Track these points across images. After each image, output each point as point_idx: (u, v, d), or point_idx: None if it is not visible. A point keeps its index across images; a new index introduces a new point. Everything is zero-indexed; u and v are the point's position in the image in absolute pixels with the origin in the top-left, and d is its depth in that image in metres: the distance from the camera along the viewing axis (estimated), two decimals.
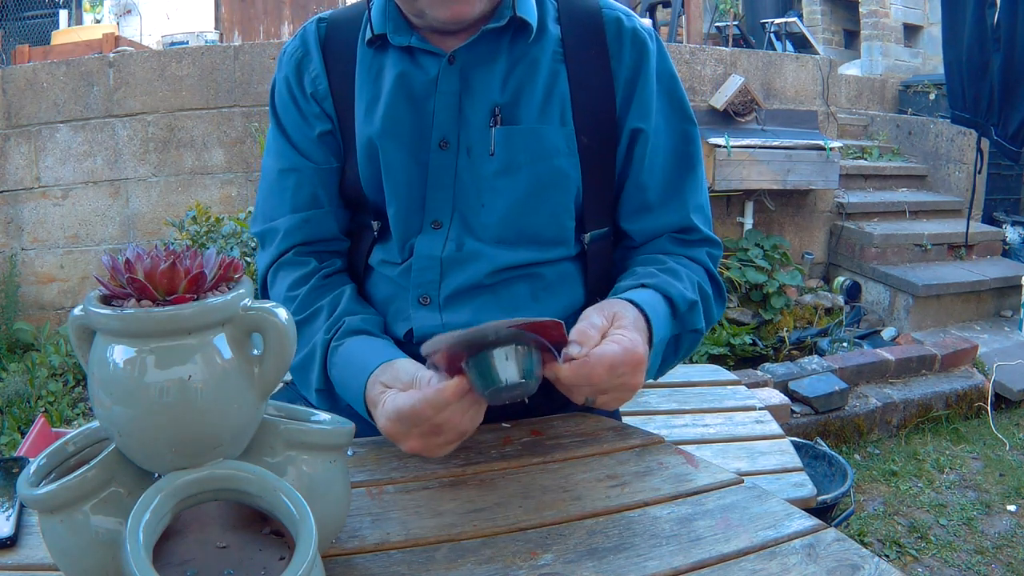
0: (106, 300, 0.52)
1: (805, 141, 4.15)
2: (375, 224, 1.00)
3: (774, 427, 1.70)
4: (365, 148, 0.97)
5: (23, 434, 2.73)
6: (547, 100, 0.94)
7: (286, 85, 1.02)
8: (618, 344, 0.77)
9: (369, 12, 0.97)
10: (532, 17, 0.94)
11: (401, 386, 0.80)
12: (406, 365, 0.83)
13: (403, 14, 0.95)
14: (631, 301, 0.87)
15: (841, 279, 4.38)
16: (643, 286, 0.92)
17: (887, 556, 2.24)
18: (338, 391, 0.91)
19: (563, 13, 0.98)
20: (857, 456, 2.88)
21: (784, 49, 6.34)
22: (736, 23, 6.84)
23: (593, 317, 0.82)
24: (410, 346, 0.96)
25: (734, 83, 4.24)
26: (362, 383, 0.84)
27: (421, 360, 0.82)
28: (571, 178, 0.96)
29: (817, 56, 5.27)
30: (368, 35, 0.97)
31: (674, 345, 0.95)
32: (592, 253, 1.00)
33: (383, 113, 0.95)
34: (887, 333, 3.94)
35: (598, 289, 1.01)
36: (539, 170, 0.94)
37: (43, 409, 2.97)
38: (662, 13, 6.73)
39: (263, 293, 1.05)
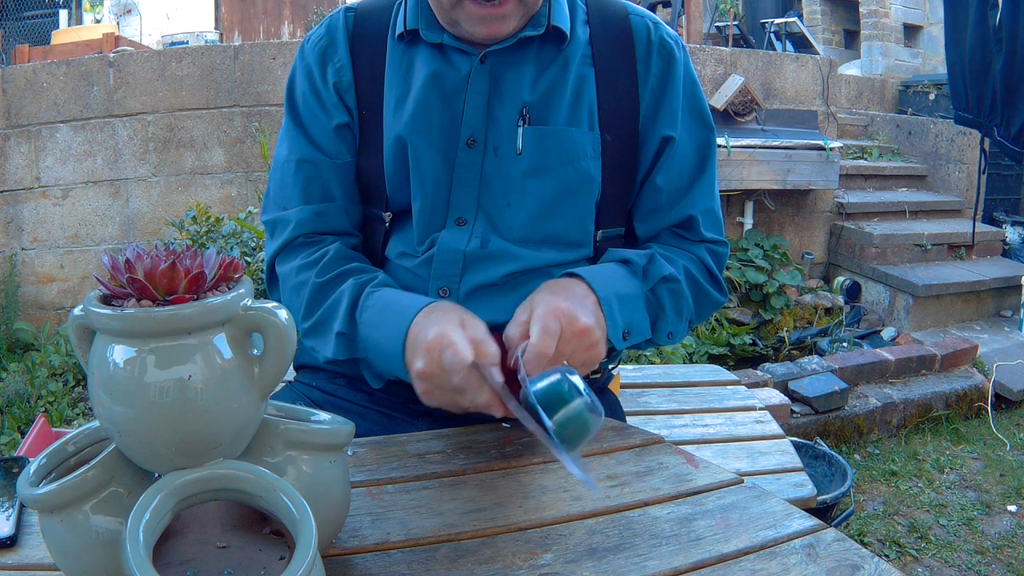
0: (106, 300, 0.52)
1: (805, 141, 4.15)
2: (387, 216, 1.00)
3: (774, 427, 1.70)
4: (393, 143, 0.97)
5: (23, 434, 2.73)
6: (576, 103, 0.96)
7: (307, 74, 1.01)
8: (532, 312, 0.80)
9: (405, 5, 0.98)
10: (566, 25, 0.95)
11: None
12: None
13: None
14: (567, 274, 0.90)
15: (841, 279, 4.38)
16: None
17: (887, 556, 2.24)
18: (366, 332, 0.89)
19: (592, 15, 0.99)
20: (857, 456, 2.88)
21: (784, 49, 6.34)
22: (736, 23, 6.84)
23: (518, 313, 0.84)
24: None
25: (734, 83, 4.24)
26: (407, 318, 0.83)
27: None
28: (595, 180, 0.97)
29: (817, 56, 5.27)
30: (400, 29, 0.97)
31: (656, 300, 0.95)
32: (603, 252, 1.01)
33: (414, 109, 0.96)
34: (887, 333, 3.94)
35: None
36: (567, 172, 0.95)
37: (43, 409, 2.97)
38: (662, 13, 6.72)
39: (268, 280, 1.04)
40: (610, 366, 1.15)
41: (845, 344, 3.74)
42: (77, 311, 0.54)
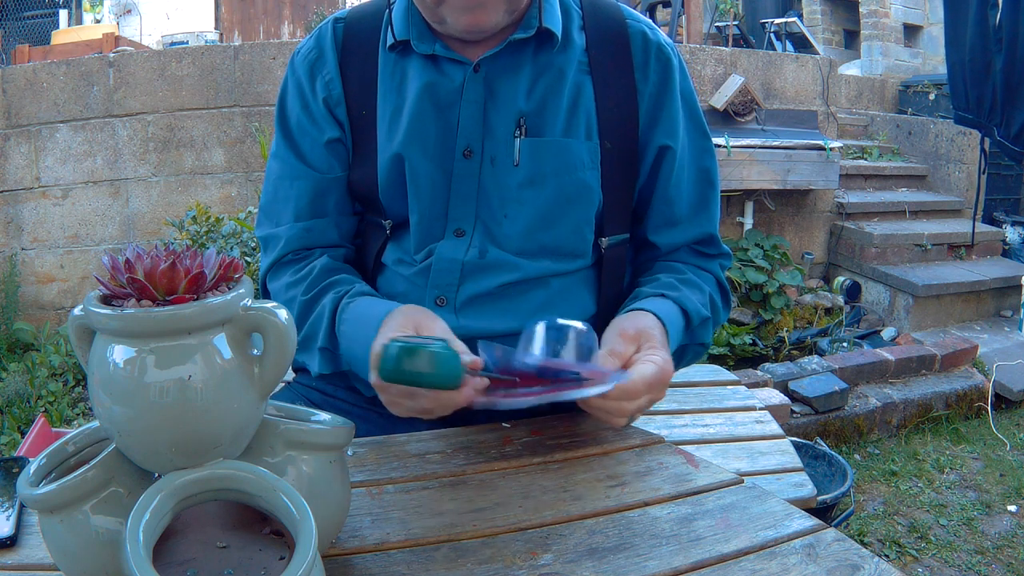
0: (106, 300, 0.52)
1: (805, 141, 4.15)
2: (387, 223, 1.00)
3: (774, 427, 1.70)
4: (389, 159, 0.96)
5: (23, 434, 2.73)
6: (573, 113, 0.95)
7: (297, 87, 1.01)
8: (654, 364, 0.81)
9: (390, 14, 0.96)
10: (557, 27, 0.94)
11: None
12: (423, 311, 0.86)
13: (426, 20, 0.94)
14: (656, 315, 0.90)
15: (841, 279, 4.38)
16: (663, 296, 0.94)
17: (887, 556, 2.24)
18: (345, 345, 0.91)
19: (588, 21, 0.98)
20: (857, 456, 2.88)
21: (784, 49, 6.34)
22: (736, 23, 6.84)
23: (616, 344, 0.84)
24: None
25: (734, 83, 4.24)
26: (374, 328, 0.85)
27: None
28: (594, 191, 0.96)
29: (817, 56, 5.27)
30: (390, 40, 0.96)
31: (679, 354, 0.97)
32: (608, 259, 1.01)
33: (408, 122, 0.94)
34: (887, 333, 3.94)
35: (609, 296, 1.02)
36: (564, 183, 0.94)
37: (43, 409, 2.97)
38: (662, 13, 6.72)
39: (263, 295, 1.04)
40: None
41: (845, 344, 3.74)
42: (77, 311, 0.54)
